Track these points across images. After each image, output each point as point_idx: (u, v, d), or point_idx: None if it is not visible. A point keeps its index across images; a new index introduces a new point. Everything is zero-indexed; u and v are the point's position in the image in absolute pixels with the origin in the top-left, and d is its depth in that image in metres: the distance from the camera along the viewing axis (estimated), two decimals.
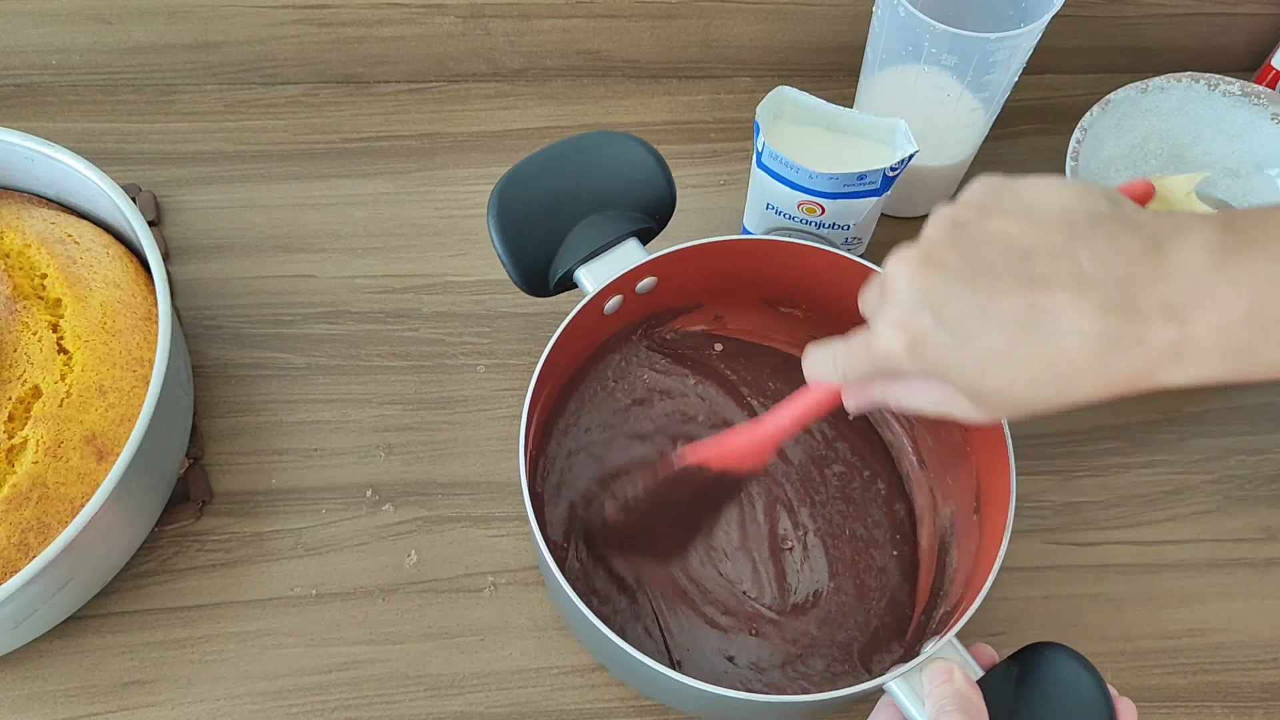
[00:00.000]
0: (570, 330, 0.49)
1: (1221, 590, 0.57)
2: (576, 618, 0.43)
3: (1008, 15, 0.59)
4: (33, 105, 0.70)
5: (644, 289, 0.53)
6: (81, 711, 0.51)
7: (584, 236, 0.51)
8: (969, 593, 0.46)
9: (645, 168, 0.53)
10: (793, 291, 0.56)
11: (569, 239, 0.51)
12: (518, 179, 0.52)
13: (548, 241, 0.51)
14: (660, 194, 0.53)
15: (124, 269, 0.55)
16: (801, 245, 0.52)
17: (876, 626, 0.52)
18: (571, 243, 0.51)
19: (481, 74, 0.72)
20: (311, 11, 0.67)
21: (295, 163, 0.68)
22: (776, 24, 0.71)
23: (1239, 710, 0.53)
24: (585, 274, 0.51)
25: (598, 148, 0.53)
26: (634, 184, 0.53)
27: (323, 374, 0.61)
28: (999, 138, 0.69)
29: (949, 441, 0.53)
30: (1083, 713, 0.41)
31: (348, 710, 0.51)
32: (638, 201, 0.53)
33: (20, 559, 0.46)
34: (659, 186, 0.53)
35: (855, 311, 0.51)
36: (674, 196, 0.54)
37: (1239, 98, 0.65)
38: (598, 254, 0.51)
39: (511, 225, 0.51)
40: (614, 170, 0.53)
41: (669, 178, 0.53)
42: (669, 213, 0.54)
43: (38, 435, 0.48)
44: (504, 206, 0.51)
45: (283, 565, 0.55)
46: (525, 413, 0.47)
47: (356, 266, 0.64)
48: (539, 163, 0.52)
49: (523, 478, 0.45)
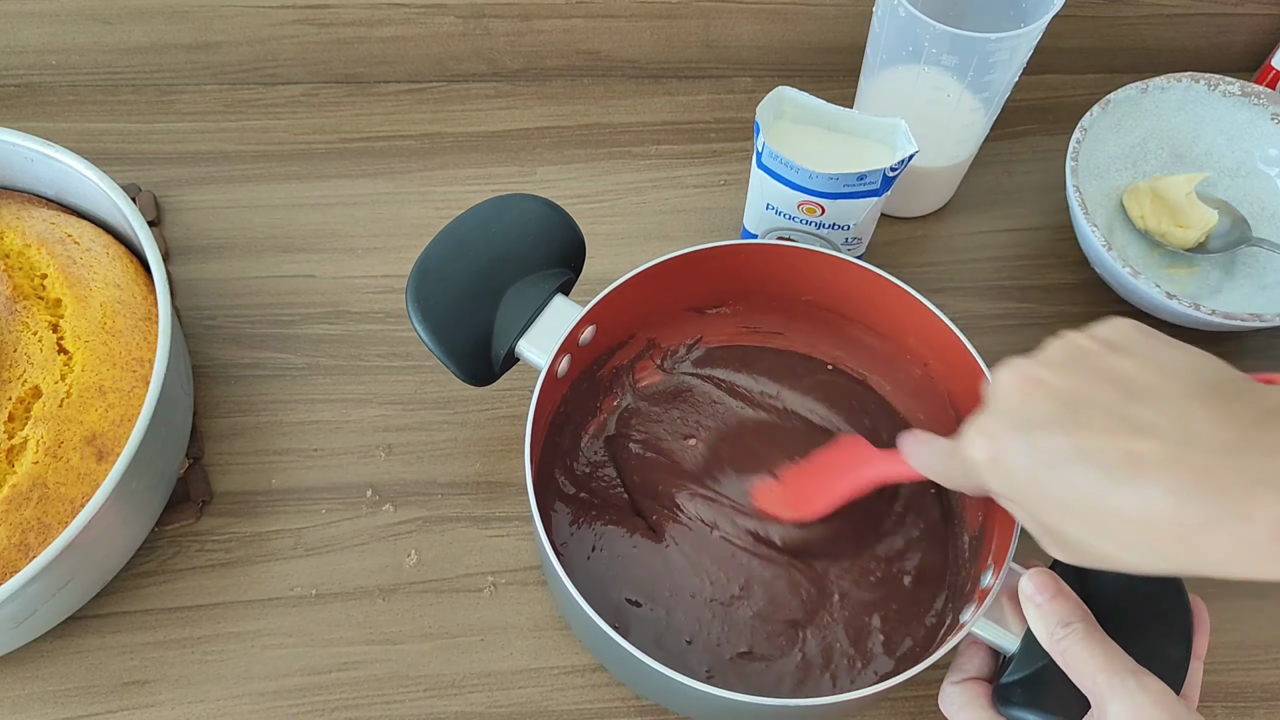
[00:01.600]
0: (540, 407, 0.48)
1: (1221, 590, 0.56)
2: (580, 618, 0.43)
3: (1008, 15, 0.59)
4: (33, 105, 0.70)
5: (585, 340, 0.52)
6: (81, 711, 0.51)
7: (513, 309, 0.50)
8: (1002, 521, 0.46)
9: (547, 221, 0.52)
10: (718, 293, 0.56)
11: (499, 316, 0.50)
12: (428, 272, 0.50)
13: (479, 325, 0.50)
14: (569, 241, 0.52)
15: (124, 269, 0.55)
16: (719, 247, 0.52)
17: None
18: (503, 319, 0.50)
19: (481, 74, 0.72)
20: (311, 11, 0.67)
21: (295, 163, 0.68)
22: (776, 24, 0.71)
23: (1239, 710, 0.53)
24: (527, 347, 0.50)
25: (496, 215, 0.52)
26: (541, 240, 0.52)
27: (323, 374, 0.61)
28: (999, 138, 0.69)
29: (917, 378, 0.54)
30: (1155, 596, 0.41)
31: (348, 710, 0.51)
32: (551, 257, 0.52)
33: (20, 559, 0.46)
34: (565, 234, 0.52)
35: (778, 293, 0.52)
36: (582, 240, 0.53)
37: (1239, 98, 0.65)
38: (532, 322, 0.50)
39: (439, 320, 0.49)
40: (518, 234, 0.51)
41: (571, 223, 0.53)
42: (582, 256, 0.54)
43: (38, 435, 0.48)
44: (424, 304, 0.49)
45: (283, 565, 0.55)
46: (530, 489, 0.45)
47: (356, 266, 0.64)
48: (443, 249, 0.51)
49: (528, 477, 0.45)
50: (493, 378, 0.51)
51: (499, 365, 0.51)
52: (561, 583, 0.43)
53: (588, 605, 0.42)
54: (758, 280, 0.55)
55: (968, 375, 0.49)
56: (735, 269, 0.54)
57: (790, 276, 0.54)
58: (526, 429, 0.46)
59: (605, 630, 0.41)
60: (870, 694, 0.41)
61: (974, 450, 0.34)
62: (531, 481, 0.45)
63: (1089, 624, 0.39)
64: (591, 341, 0.53)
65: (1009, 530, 0.44)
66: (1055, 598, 0.40)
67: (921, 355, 0.54)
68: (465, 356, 0.50)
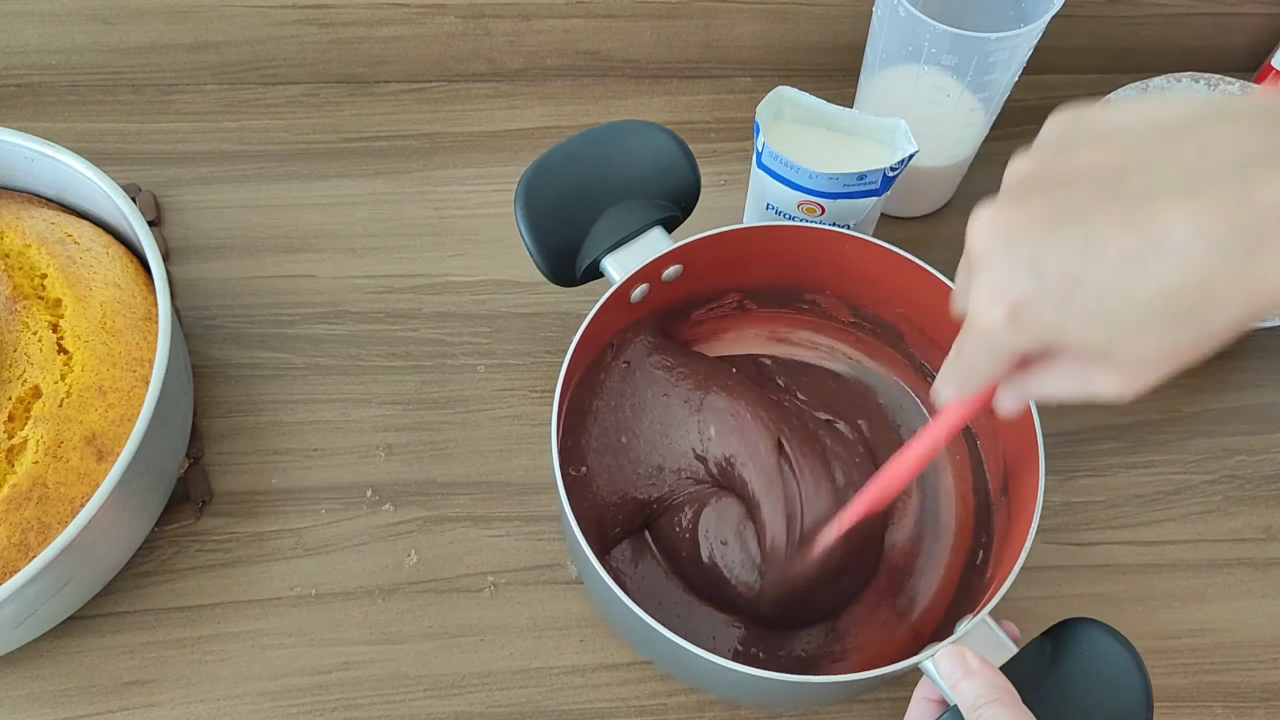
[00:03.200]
0: (598, 319, 0.49)
1: (1221, 590, 0.57)
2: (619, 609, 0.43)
3: (1008, 15, 0.59)
4: (33, 105, 0.70)
5: (670, 277, 0.53)
6: (81, 711, 0.51)
7: (610, 226, 0.51)
8: (1000, 570, 0.46)
9: (669, 156, 0.53)
10: (817, 279, 0.56)
11: (595, 228, 0.52)
12: (544, 170, 0.52)
13: (574, 231, 0.52)
14: (685, 182, 0.53)
15: (124, 269, 0.55)
16: (831, 231, 0.52)
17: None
18: (598, 232, 0.51)
19: (481, 74, 0.72)
20: (311, 11, 0.67)
21: (295, 163, 0.68)
22: (776, 24, 0.71)
23: (1239, 710, 0.53)
24: (611, 263, 0.51)
25: (622, 137, 0.53)
26: (658, 173, 0.53)
27: (323, 374, 0.61)
28: (999, 138, 0.69)
29: (978, 423, 0.53)
30: (1119, 688, 0.40)
31: (348, 710, 0.51)
32: (662, 190, 0.53)
33: (20, 559, 0.46)
34: (683, 174, 0.53)
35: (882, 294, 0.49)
36: (699, 184, 0.54)
37: (1239, 98, 0.65)
38: (623, 243, 0.51)
39: (538, 216, 0.51)
40: (638, 160, 0.53)
41: (693, 165, 0.53)
42: (694, 201, 0.54)
43: (38, 435, 0.48)
44: (530, 197, 0.51)
45: (283, 565, 0.55)
46: (556, 404, 0.46)
47: (356, 266, 0.64)
48: (564, 153, 0.52)
49: (556, 471, 0.45)
50: (574, 282, 0.53)
51: (580, 273, 0.52)
52: (597, 575, 0.42)
53: (625, 596, 0.42)
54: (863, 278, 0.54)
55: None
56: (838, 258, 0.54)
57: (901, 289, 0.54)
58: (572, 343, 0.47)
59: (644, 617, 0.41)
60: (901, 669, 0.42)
61: (989, 318, 0.30)
62: (560, 474, 0.45)
63: (1006, 698, 0.38)
64: (677, 281, 0.54)
65: (1002, 582, 0.44)
66: (967, 676, 0.39)
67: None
68: (553, 254, 0.52)
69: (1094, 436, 0.61)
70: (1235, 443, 0.61)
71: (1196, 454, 0.61)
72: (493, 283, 0.64)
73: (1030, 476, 0.46)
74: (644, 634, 0.42)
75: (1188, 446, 0.61)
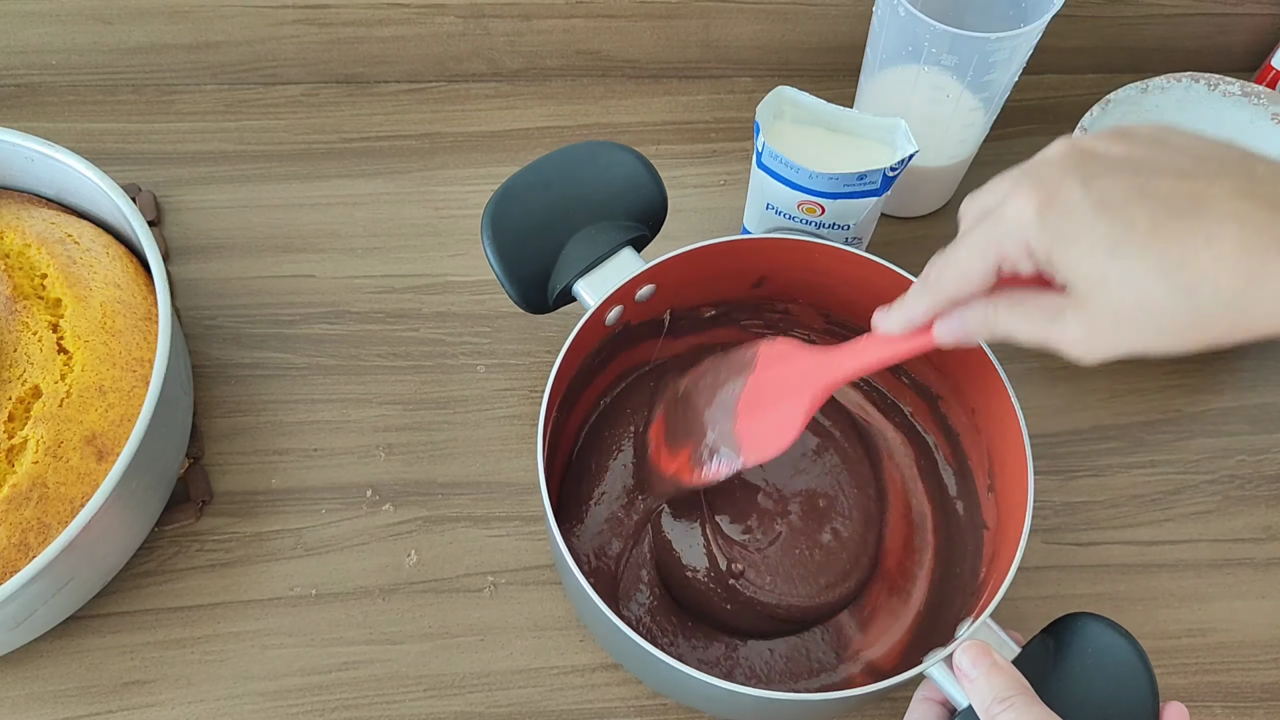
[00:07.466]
0: (575, 345, 0.49)
1: (1221, 590, 0.57)
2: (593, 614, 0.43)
3: (1008, 15, 0.59)
4: (33, 105, 0.70)
5: (643, 297, 0.53)
6: (81, 711, 0.51)
7: (580, 249, 0.51)
8: (995, 571, 0.45)
9: (635, 175, 0.53)
10: (789, 288, 0.56)
11: (565, 253, 0.51)
12: (509, 197, 0.52)
13: (544, 257, 0.51)
14: (652, 200, 0.53)
15: (124, 269, 0.55)
16: (800, 241, 0.52)
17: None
18: (568, 257, 0.51)
19: (481, 74, 0.72)
20: (311, 11, 0.67)
21: (295, 163, 0.68)
22: (776, 24, 0.71)
23: (1239, 710, 0.53)
24: (584, 287, 0.51)
25: (586, 159, 0.53)
26: (625, 192, 0.53)
27: (323, 374, 0.61)
28: (999, 138, 0.69)
29: (958, 421, 0.53)
30: (1125, 680, 0.40)
31: (348, 710, 0.51)
32: (629, 210, 0.53)
33: (20, 559, 0.46)
34: (650, 193, 0.53)
35: (853, 299, 0.50)
36: (665, 202, 0.54)
37: (1239, 98, 0.65)
38: (595, 266, 0.51)
39: (507, 244, 0.51)
40: (604, 180, 0.53)
41: (659, 183, 0.53)
42: (661, 218, 0.54)
43: (38, 435, 0.48)
44: (497, 225, 0.51)
45: (283, 565, 0.55)
46: (541, 422, 0.46)
47: (356, 266, 0.64)
48: (528, 178, 0.52)
49: (540, 474, 0.45)
50: (546, 308, 0.52)
51: (553, 299, 0.52)
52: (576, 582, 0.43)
53: (603, 602, 0.42)
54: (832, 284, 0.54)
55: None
56: (812, 267, 0.53)
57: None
58: (554, 367, 0.47)
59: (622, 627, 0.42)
60: (905, 679, 0.41)
61: (1020, 204, 0.32)
62: (544, 478, 0.45)
63: (1028, 697, 0.38)
64: (648, 302, 0.53)
65: (1000, 582, 0.44)
66: (990, 671, 0.39)
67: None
68: (524, 282, 0.51)
69: (1093, 436, 0.61)
70: (1235, 443, 0.61)
71: (1196, 454, 0.61)
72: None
73: (1018, 468, 0.46)
74: (628, 648, 0.42)
75: (1188, 446, 0.61)
